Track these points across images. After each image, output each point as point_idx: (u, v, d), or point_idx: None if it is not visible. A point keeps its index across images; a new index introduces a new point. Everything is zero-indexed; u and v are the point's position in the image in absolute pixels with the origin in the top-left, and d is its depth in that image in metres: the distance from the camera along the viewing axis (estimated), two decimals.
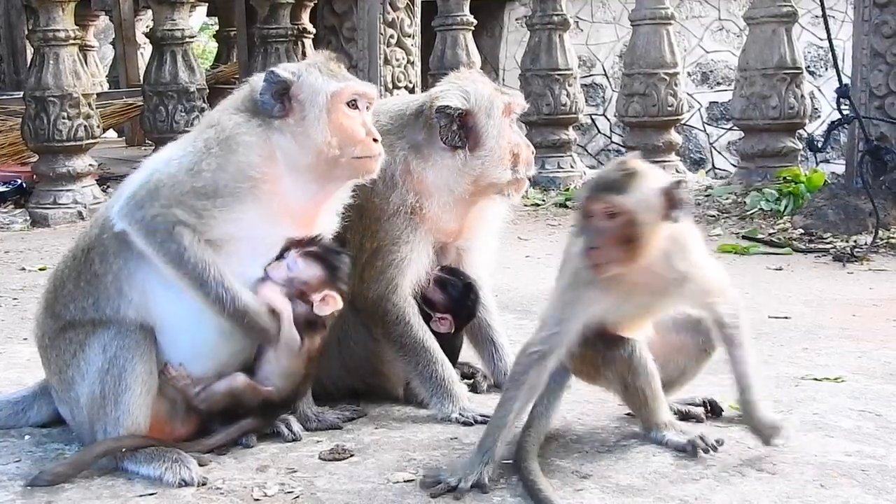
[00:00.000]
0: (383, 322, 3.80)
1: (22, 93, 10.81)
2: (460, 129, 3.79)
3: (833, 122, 8.12)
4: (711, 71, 16.17)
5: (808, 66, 9.24)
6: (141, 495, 3.16)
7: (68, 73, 8.93)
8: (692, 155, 15.82)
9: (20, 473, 3.34)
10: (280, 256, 3.40)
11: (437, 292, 3.89)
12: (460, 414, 3.73)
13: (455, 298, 3.91)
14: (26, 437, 3.65)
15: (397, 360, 3.86)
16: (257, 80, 3.48)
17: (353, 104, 3.45)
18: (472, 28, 10.88)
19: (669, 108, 9.45)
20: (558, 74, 10.04)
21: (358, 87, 3.47)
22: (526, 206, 9.21)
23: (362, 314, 3.84)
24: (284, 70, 3.44)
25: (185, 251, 3.22)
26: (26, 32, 15.01)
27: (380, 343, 3.88)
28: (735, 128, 12.09)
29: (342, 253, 3.52)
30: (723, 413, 3.77)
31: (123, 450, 3.28)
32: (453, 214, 3.86)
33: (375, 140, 3.47)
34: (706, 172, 12.98)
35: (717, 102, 16.04)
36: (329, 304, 3.44)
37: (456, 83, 3.89)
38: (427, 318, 3.88)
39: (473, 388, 4.05)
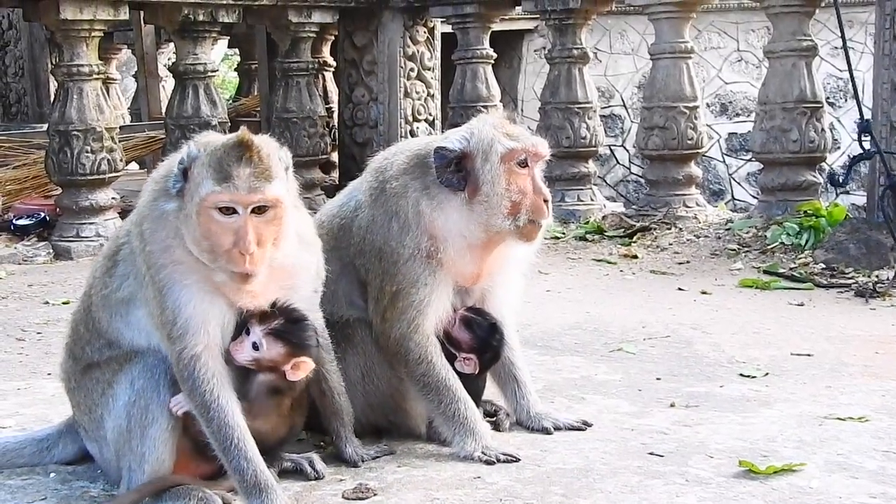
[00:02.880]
0: (406, 361, 3.81)
1: (44, 126, 10.92)
2: (458, 172, 3.76)
3: (854, 157, 8.09)
4: (730, 102, 16.17)
5: (828, 98, 9.23)
6: None
7: (92, 108, 9.01)
8: (711, 186, 15.81)
9: None
10: (241, 331, 3.36)
11: (463, 332, 3.90)
12: (483, 453, 3.73)
13: (481, 338, 3.91)
14: (52, 475, 3.67)
15: (420, 399, 3.86)
16: (183, 150, 3.30)
17: (227, 211, 3.14)
18: (493, 61, 10.92)
19: (689, 142, 9.44)
20: (578, 108, 10.06)
21: (226, 196, 3.12)
22: (546, 239, 9.17)
23: (385, 353, 3.86)
24: (195, 146, 3.25)
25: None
26: (49, 66, 15.24)
27: (402, 381, 3.89)
28: (754, 160, 12.08)
29: (303, 321, 3.44)
30: None
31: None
32: (470, 259, 3.84)
33: (243, 254, 3.15)
34: (725, 204, 12.95)
35: (736, 133, 16.04)
36: (301, 369, 3.43)
37: (470, 124, 3.89)
38: (452, 358, 3.89)
39: (496, 427, 4.05)
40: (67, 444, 3.72)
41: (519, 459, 3.71)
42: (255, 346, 3.35)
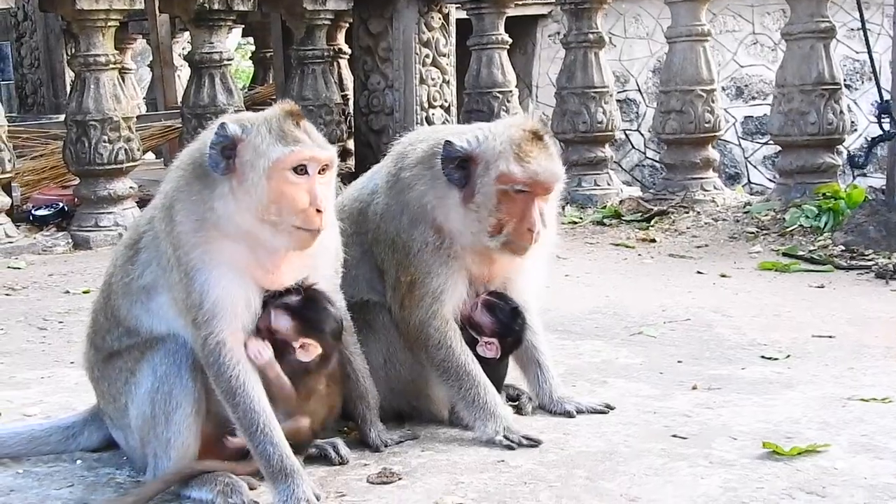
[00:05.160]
0: (426, 347, 3.81)
1: (61, 116, 10.94)
2: (462, 170, 3.71)
3: (874, 139, 8.06)
4: (746, 85, 16.09)
5: (844, 80, 9.17)
6: None
7: (109, 98, 9.03)
8: (727, 170, 15.74)
9: (73, 499, 3.38)
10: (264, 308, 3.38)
11: (485, 316, 3.90)
12: (504, 437, 3.73)
13: (502, 323, 3.91)
14: (78, 462, 3.69)
15: (441, 385, 3.86)
16: (207, 134, 3.35)
17: (301, 170, 3.23)
18: (508, 47, 10.89)
19: (706, 125, 9.41)
20: (594, 92, 10.03)
21: (305, 152, 3.23)
22: (563, 224, 9.20)
23: (405, 339, 3.86)
24: (234, 124, 3.27)
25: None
26: (65, 56, 15.28)
27: (424, 366, 3.89)
28: (771, 142, 12.03)
29: (320, 301, 3.45)
30: None
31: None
32: (479, 258, 3.82)
33: (319, 211, 3.23)
34: (742, 187, 12.89)
35: (751, 117, 15.96)
36: (309, 351, 3.43)
37: (492, 126, 3.82)
38: (474, 342, 3.89)
39: (519, 410, 4.06)
40: (92, 432, 3.74)
41: (540, 443, 3.71)
42: (269, 320, 3.36)
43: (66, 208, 9.58)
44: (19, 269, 7.95)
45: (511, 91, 10.80)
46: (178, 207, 3.29)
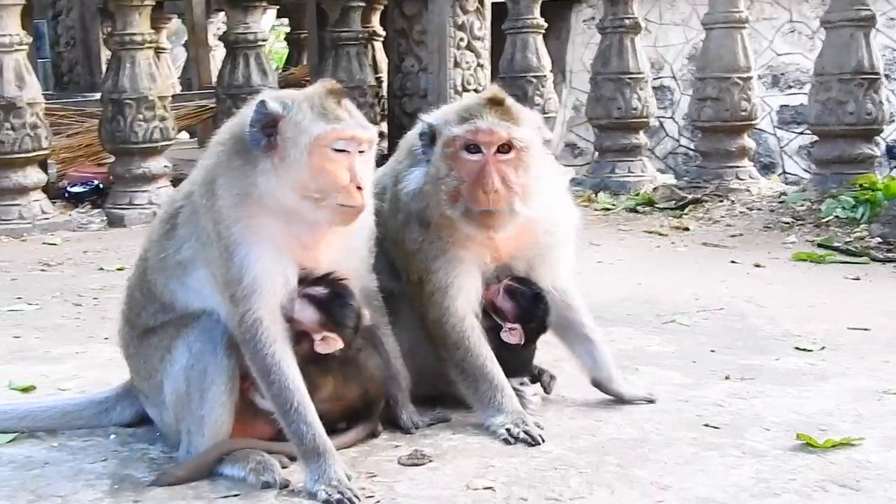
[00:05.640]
0: (445, 345, 3.78)
1: (96, 94, 11.00)
2: (432, 144, 3.70)
3: None
4: (782, 74, 15.93)
5: (884, 70, 9.07)
6: (224, 496, 3.22)
7: (144, 76, 9.07)
8: (762, 159, 15.60)
9: (107, 473, 3.41)
10: None
11: (506, 301, 3.86)
12: (506, 429, 3.63)
13: (524, 308, 3.87)
14: (112, 437, 3.73)
15: (458, 382, 3.80)
16: (247, 110, 3.35)
17: (341, 148, 3.25)
18: (543, 31, 10.84)
19: (742, 113, 9.34)
20: (629, 78, 9.97)
21: (346, 131, 3.25)
22: (596, 210, 9.18)
23: (427, 334, 3.83)
24: (275, 101, 3.29)
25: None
26: (100, 36, 15.34)
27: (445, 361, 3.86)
28: (807, 132, 11.92)
29: (345, 296, 3.45)
30: None
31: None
32: (474, 244, 3.74)
33: (360, 188, 3.26)
34: (777, 177, 12.79)
35: (787, 106, 15.81)
36: (329, 344, 3.44)
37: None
38: (497, 329, 3.87)
39: (545, 389, 4.06)
40: (125, 408, 3.77)
41: (540, 443, 3.59)
42: (291, 308, 3.35)
43: (101, 186, 9.65)
44: (55, 245, 8.01)
45: (545, 76, 10.75)
46: (220, 182, 3.30)
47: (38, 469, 3.45)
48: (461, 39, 10.77)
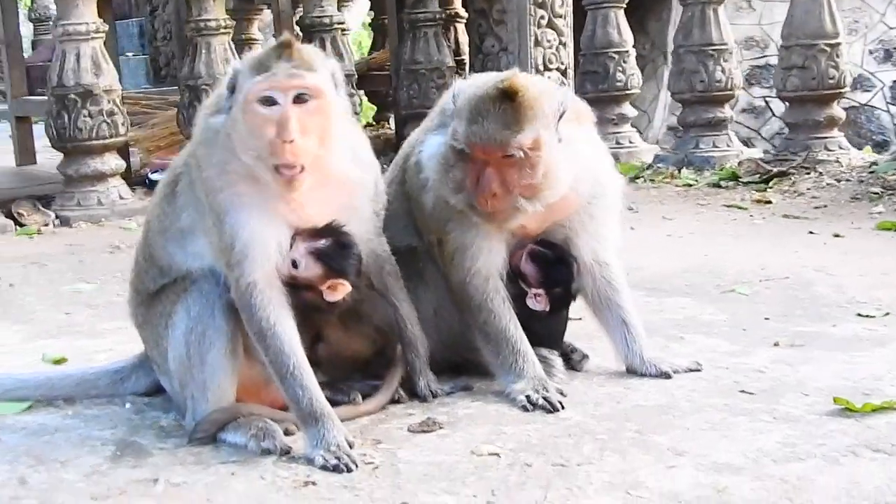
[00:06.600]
0: (469, 307, 3.64)
1: None
2: None
3: None
4: (895, 48, 15.28)
5: None
6: (224, 462, 3.16)
7: (220, 62, 9.10)
8: (874, 136, 14.97)
9: (113, 440, 3.38)
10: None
11: (529, 265, 3.68)
12: (525, 396, 3.49)
13: (546, 273, 3.68)
14: (127, 406, 3.70)
15: (482, 346, 3.66)
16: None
17: (269, 101, 3.05)
18: (624, 6, 10.56)
19: (830, 81, 8.90)
20: (712, 50, 9.60)
21: (271, 80, 3.03)
22: (677, 186, 8.88)
23: (452, 296, 3.70)
24: (242, 61, 3.20)
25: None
26: None
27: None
28: None
29: (349, 247, 3.33)
30: None
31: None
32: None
33: (288, 142, 3.01)
34: (870, 148, 12.21)
35: None
36: (338, 290, 3.33)
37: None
38: (524, 295, 3.71)
39: (573, 368, 3.87)
40: (140, 377, 3.74)
41: (559, 410, 3.43)
42: (294, 265, 3.26)
43: None
44: (129, 230, 8.10)
45: (628, 51, 10.46)
46: (201, 151, 3.23)
47: (48, 436, 3.44)
48: (542, 17, 10.53)
